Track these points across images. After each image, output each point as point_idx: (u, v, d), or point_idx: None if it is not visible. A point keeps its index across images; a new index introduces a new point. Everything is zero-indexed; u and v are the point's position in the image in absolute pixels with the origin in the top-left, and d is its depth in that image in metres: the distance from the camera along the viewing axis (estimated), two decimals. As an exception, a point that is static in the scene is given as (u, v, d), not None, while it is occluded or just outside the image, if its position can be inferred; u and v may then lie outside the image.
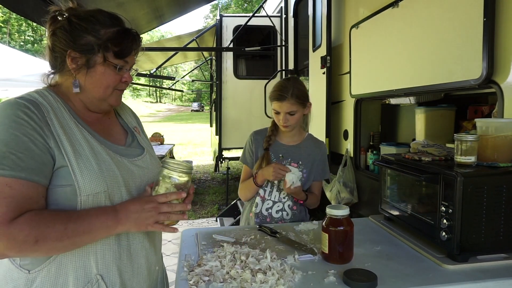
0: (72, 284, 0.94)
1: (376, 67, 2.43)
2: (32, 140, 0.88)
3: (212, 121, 8.14)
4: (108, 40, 1.00)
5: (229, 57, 5.97)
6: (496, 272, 1.05)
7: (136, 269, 1.04)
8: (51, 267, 0.93)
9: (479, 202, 1.08)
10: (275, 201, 1.75)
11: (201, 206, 5.86)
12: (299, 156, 1.77)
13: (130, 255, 1.03)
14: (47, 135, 0.91)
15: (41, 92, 1.01)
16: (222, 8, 36.53)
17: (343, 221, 1.14)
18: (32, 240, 0.84)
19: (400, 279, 1.02)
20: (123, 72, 1.05)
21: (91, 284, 0.96)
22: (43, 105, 0.96)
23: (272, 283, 0.98)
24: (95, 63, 1.00)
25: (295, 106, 1.68)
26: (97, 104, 1.06)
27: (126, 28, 1.05)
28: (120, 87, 1.07)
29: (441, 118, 2.24)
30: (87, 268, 0.96)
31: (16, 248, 0.84)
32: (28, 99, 0.94)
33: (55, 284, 0.93)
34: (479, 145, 1.17)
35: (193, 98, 53.33)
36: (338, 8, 3.14)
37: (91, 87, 1.02)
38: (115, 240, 1.00)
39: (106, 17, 1.03)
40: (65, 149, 0.93)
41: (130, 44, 1.03)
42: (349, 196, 2.82)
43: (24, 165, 0.86)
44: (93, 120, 1.08)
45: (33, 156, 0.88)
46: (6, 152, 0.85)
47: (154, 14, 3.86)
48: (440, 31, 1.76)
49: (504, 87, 1.44)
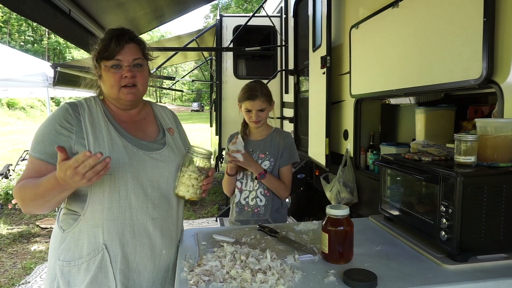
0: (86, 247, 1.20)
1: (376, 67, 2.43)
2: (60, 132, 1.19)
3: (212, 121, 8.14)
4: (99, 50, 1.24)
5: (229, 57, 5.97)
6: (496, 272, 1.05)
7: (138, 247, 1.23)
8: (75, 230, 1.21)
9: (479, 202, 1.08)
10: (250, 190, 1.96)
11: (201, 206, 5.86)
12: (265, 147, 1.98)
13: (133, 233, 1.22)
14: (74, 130, 1.20)
15: (89, 98, 1.32)
16: (222, 8, 36.53)
17: (343, 221, 1.14)
18: (20, 199, 1.16)
19: (400, 279, 1.02)
20: (121, 70, 1.24)
21: (97, 250, 1.19)
22: (82, 106, 1.26)
23: (272, 283, 0.98)
24: (101, 71, 1.26)
25: (265, 104, 1.93)
26: (116, 103, 1.31)
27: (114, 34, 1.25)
28: (124, 83, 1.25)
29: (441, 118, 2.24)
30: (97, 237, 1.20)
31: (19, 202, 1.17)
32: (72, 103, 1.26)
33: (76, 244, 1.21)
34: (479, 145, 1.17)
35: (193, 98, 53.35)
36: (338, 8, 3.14)
37: (106, 90, 1.29)
38: (119, 217, 1.21)
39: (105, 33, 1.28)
40: (88, 139, 1.20)
41: (114, 44, 1.22)
42: (349, 196, 2.82)
43: (45, 150, 1.18)
44: (126, 118, 1.33)
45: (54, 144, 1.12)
46: (40, 140, 1.19)
47: (154, 14, 3.86)
48: (440, 31, 1.76)
49: (504, 87, 1.44)
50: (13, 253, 4.10)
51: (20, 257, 4.00)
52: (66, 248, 1.21)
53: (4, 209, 5.67)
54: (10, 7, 1.95)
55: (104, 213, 1.20)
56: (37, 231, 4.79)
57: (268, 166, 1.94)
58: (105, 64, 1.23)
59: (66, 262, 1.21)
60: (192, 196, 1.28)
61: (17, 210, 5.63)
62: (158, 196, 1.28)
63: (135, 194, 1.23)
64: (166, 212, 1.30)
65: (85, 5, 2.80)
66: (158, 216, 1.27)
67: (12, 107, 23.07)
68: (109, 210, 1.20)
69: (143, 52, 1.31)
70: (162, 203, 1.29)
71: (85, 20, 2.96)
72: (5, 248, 4.26)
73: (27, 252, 4.12)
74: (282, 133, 2.04)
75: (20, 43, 33.58)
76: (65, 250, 1.21)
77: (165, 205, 1.30)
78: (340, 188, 2.87)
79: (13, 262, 3.87)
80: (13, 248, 4.24)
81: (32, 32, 34.80)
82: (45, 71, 5.22)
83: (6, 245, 4.34)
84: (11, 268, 3.73)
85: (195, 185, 1.28)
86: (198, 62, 10.70)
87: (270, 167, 1.94)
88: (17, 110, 23.34)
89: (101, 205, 1.20)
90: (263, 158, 1.96)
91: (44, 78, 5.17)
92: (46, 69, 5.31)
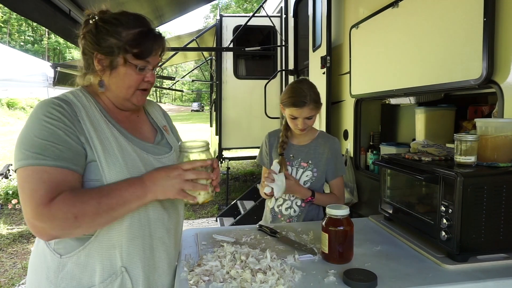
0: (99, 273, 1.01)
1: (376, 67, 2.43)
2: (66, 133, 0.96)
3: (212, 121, 8.14)
4: (128, 41, 1.03)
5: (229, 57, 5.96)
6: (496, 272, 1.05)
7: (157, 263, 1.10)
8: (81, 254, 1.00)
9: (479, 202, 1.08)
10: (285, 199, 1.78)
11: (201, 206, 5.86)
12: (308, 155, 1.77)
13: (152, 249, 1.08)
14: (79, 131, 0.99)
15: (75, 92, 1.07)
16: (222, 8, 36.51)
17: (343, 221, 1.14)
18: (72, 216, 0.90)
19: (400, 279, 1.02)
20: (145, 72, 1.08)
21: (115, 275, 1.02)
22: (75, 105, 1.03)
23: (272, 283, 0.98)
24: (118, 64, 1.05)
25: (314, 111, 1.69)
26: (122, 103, 1.12)
27: (148, 29, 1.08)
28: (143, 87, 1.10)
29: (441, 118, 2.24)
30: (113, 260, 1.02)
31: (59, 226, 0.91)
32: (62, 99, 1.02)
33: (84, 270, 1.00)
34: (479, 145, 1.17)
35: (193, 98, 53.30)
36: (338, 8, 3.14)
37: (115, 87, 1.08)
38: (140, 235, 1.05)
39: (130, 19, 1.06)
40: (95, 146, 1.00)
41: (150, 44, 1.06)
42: (349, 196, 2.82)
43: (64, 156, 0.94)
44: (122, 118, 1.13)
45: (70, 147, 0.96)
46: (46, 144, 0.93)
47: (154, 14, 3.86)
48: (440, 31, 1.76)
49: (504, 87, 1.44)
50: (13, 253, 4.10)
51: (20, 257, 4.00)
52: (69, 276, 1.00)
53: (4, 209, 5.67)
54: (10, 7, 1.95)
55: (123, 232, 1.03)
56: (37, 231, 4.78)
57: (311, 177, 1.73)
58: (131, 61, 1.05)
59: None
60: (206, 197, 1.06)
61: (17, 210, 5.63)
62: (171, 205, 1.16)
63: (153, 206, 1.08)
64: (177, 221, 1.20)
65: (85, 5, 2.80)
66: (172, 226, 1.16)
67: (12, 107, 23.05)
68: (129, 228, 1.03)
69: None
70: (173, 212, 1.17)
71: (85, 20, 2.96)
72: (5, 248, 4.26)
73: (27, 252, 4.12)
74: (328, 140, 1.80)
75: (20, 43, 33.58)
76: (68, 278, 1.00)
77: (175, 214, 1.19)
78: (340, 188, 2.86)
79: (13, 262, 3.87)
80: (13, 248, 4.24)
81: (32, 32, 34.79)
82: (45, 71, 5.22)
83: (6, 245, 4.34)
84: (11, 268, 3.73)
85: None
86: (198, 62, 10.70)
87: (313, 179, 1.73)
88: (17, 110, 23.32)
89: (120, 224, 1.02)
90: (305, 167, 1.74)
91: (44, 78, 5.17)
92: (46, 69, 5.31)
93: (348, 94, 2.86)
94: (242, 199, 5.19)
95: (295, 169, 1.77)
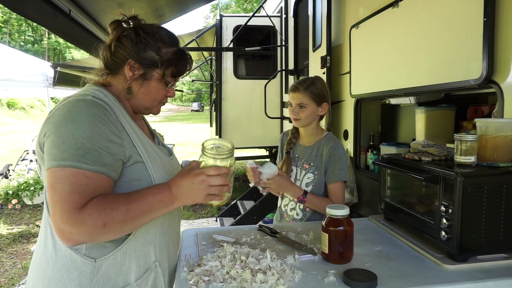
0: (135, 270, 1.03)
1: (376, 67, 2.43)
2: (110, 139, 0.96)
3: (212, 121, 8.13)
4: (169, 59, 1.08)
5: (229, 57, 5.96)
6: (496, 272, 1.05)
7: (175, 255, 1.21)
8: (117, 255, 1.01)
9: (479, 202, 1.08)
10: (290, 200, 1.78)
11: (201, 206, 5.86)
12: (311, 157, 1.73)
13: (174, 243, 1.19)
14: (122, 133, 1.01)
15: (99, 93, 1.03)
16: (222, 8, 36.53)
17: (343, 221, 1.14)
18: (101, 223, 0.89)
19: (400, 279, 1.02)
20: (170, 88, 1.15)
21: (150, 270, 1.06)
22: (113, 105, 1.03)
23: (272, 283, 0.98)
24: (152, 77, 1.08)
25: (306, 100, 1.68)
26: (141, 110, 1.16)
27: (183, 50, 1.14)
28: (164, 101, 1.16)
29: (441, 118, 2.24)
30: (148, 256, 1.06)
31: (87, 233, 0.89)
32: (100, 99, 1.01)
33: (119, 271, 1.01)
34: (479, 145, 1.17)
35: (193, 98, 53.28)
36: (338, 8, 3.14)
37: (142, 96, 1.10)
38: (169, 230, 1.13)
39: (166, 36, 1.11)
40: (138, 146, 1.03)
41: (185, 65, 1.14)
42: (349, 196, 2.82)
43: (105, 162, 0.94)
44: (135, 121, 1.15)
45: (111, 153, 0.96)
46: (91, 148, 0.92)
47: (154, 14, 3.86)
48: (440, 31, 1.76)
49: (504, 87, 1.44)
50: (13, 253, 4.10)
51: (20, 257, 4.00)
52: (105, 279, 0.99)
53: (4, 209, 5.67)
54: (10, 7, 1.95)
55: (157, 227, 1.08)
56: (37, 231, 4.78)
57: (312, 180, 1.68)
58: (167, 78, 1.10)
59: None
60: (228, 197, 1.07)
61: (17, 210, 5.64)
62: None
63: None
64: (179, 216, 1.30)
65: (85, 5, 2.80)
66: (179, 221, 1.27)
67: (12, 107, 23.07)
68: (162, 224, 1.10)
69: None
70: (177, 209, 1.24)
71: (85, 20, 2.97)
72: (5, 248, 4.26)
73: (27, 252, 4.12)
74: (329, 143, 1.71)
75: (20, 43, 33.59)
76: (104, 281, 0.99)
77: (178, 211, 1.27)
78: (340, 188, 2.86)
79: (13, 262, 3.87)
80: (13, 248, 4.25)
81: (32, 32, 34.79)
82: (45, 71, 5.23)
83: (6, 245, 4.34)
84: (11, 268, 3.73)
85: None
86: (198, 62, 10.69)
87: (314, 182, 1.68)
88: (17, 110, 23.34)
89: (155, 220, 1.04)
90: (307, 170, 1.72)
91: (44, 78, 5.18)
92: (46, 69, 5.32)
93: (348, 94, 2.86)
94: (242, 199, 5.19)
95: (299, 170, 1.75)
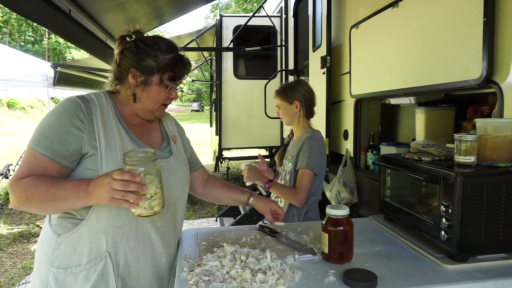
0: (87, 254, 1.15)
1: (376, 67, 2.43)
2: (68, 130, 1.11)
3: (212, 121, 8.14)
4: (165, 65, 1.21)
5: (229, 57, 5.97)
6: (496, 272, 1.05)
7: (141, 255, 1.21)
8: (74, 236, 1.15)
9: (479, 202, 1.08)
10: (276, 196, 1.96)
11: (201, 206, 5.86)
12: (293, 149, 1.94)
13: (137, 241, 1.20)
14: (86, 129, 1.13)
15: (98, 94, 1.24)
16: (222, 8, 36.51)
17: (343, 221, 1.13)
18: (24, 197, 1.06)
19: (400, 279, 1.02)
20: (171, 91, 1.26)
21: (99, 258, 1.15)
22: (93, 103, 1.19)
23: (272, 283, 0.98)
24: (152, 82, 1.22)
25: (279, 101, 1.96)
26: (146, 114, 1.28)
27: (180, 55, 1.25)
28: (167, 102, 1.28)
29: (441, 118, 2.24)
30: (99, 244, 1.15)
31: (15, 201, 1.08)
32: (84, 97, 1.19)
33: (74, 251, 1.15)
34: (479, 145, 1.17)
35: (193, 98, 53.30)
36: (338, 8, 3.14)
37: (145, 100, 1.24)
38: (126, 224, 1.17)
39: (165, 44, 1.23)
40: (99, 141, 1.14)
41: (183, 70, 1.25)
42: (349, 196, 2.82)
43: (54, 148, 1.10)
44: (137, 123, 1.29)
45: (63, 142, 1.10)
46: (47, 135, 1.11)
47: (154, 14, 3.86)
48: (440, 31, 1.76)
49: (504, 87, 1.44)
50: (13, 253, 4.10)
51: (20, 257, 4.00)
52: (62, 254, 1.15)
53: (4, 209, 5.67)
54: (10, 7, 1.95)
55: (110, 219, 1.15)
56: (37, 231, 4.79)
57: (291, 169, 1.89)
58: (166, 82, 1.22)
59: (61, 269, 1.14)
60: (141, 212, 1.03)
61: (17, 210, 5.63)
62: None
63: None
64: (169, 222, 1.29)
65: (85, 5, 2.80)
66: (162, 225, 1.25)
67: (12, 107, 23.06)
68: (116, 216, 1.16)
69: None
70: (166, 212, 1.26)
71: (85, 20, 2.96)
72: (5, 248, 4.26)
73: (27, 252, 4.12)
74: (306, 135, 1.90)
75: (20, 43, 33.58)
76: (61, 256, 1.15)
77: (168, 214, 1.28)
78: (340, 188, 2.87)
79: (13, 262, 3.87)
80: (13, 248, 4.25)
81: (32, 32, 34.78)
82: (45, 71, 5.23)
83: (6, 245, 4.34)
84: (11, 268, 3.73)
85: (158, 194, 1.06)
86: (198, 62, 10.70)
87: (292, 170, 1.89)
88: (17, 110, 23.33)
89: (108, 211, 1.15)
90: (289, 159, 1.94)
91: (44, 78, 5.17)
92: (46, 69, 5.31)
93: (348, 94, 2.86)
94: (242, 199, 5.17)
95: (286, 161, 2.00)
